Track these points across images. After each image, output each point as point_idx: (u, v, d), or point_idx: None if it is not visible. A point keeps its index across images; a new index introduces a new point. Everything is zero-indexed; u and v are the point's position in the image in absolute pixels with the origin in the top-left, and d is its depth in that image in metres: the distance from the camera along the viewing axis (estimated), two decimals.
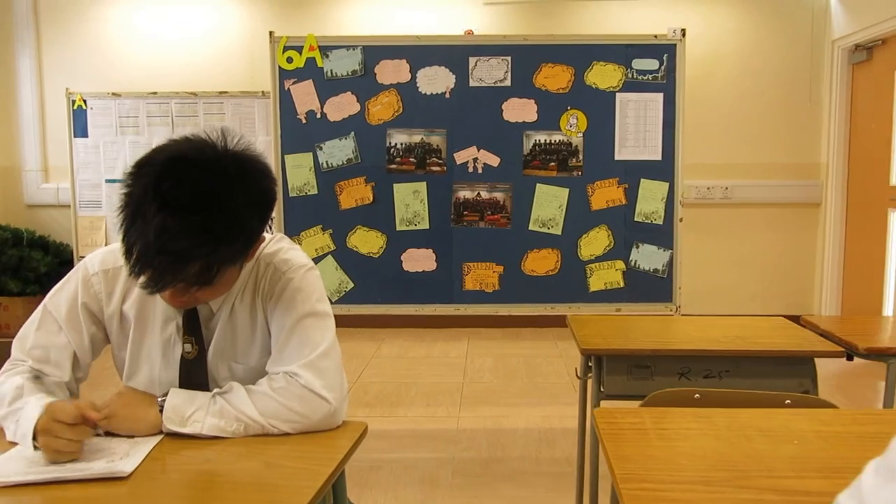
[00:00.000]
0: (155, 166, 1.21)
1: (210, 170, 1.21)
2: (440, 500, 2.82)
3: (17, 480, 1.06)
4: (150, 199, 1.16)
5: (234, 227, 1.23)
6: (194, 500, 1.03)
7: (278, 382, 1.34)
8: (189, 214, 1.17)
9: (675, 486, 1.04)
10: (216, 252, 1.21)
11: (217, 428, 1.27)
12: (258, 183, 1.28)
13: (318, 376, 1.34)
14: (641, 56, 3.49)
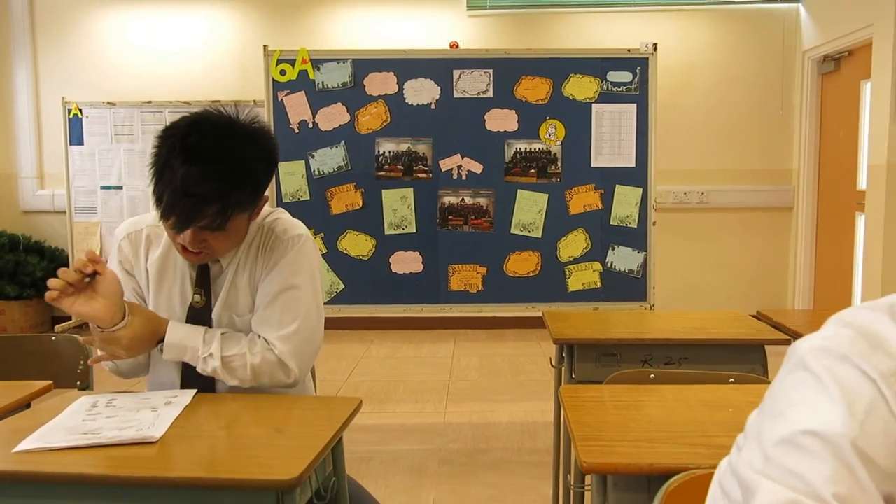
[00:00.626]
0: (181, 128, 1.48)
1: (225, 128, 1.49)
2: (428, 488, 3.00)
3: (62, 444, 1.24)
4: (177, 153, 1.44)
5: (245, 175, 1.48)
6: (216, 458, 1.21)
7: (256, 346, 1.59)
8: (208, 163, 1.43)
9: (624, 442, 1.23)
10: (230, 195, 1.46)
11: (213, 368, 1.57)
12: (265, 141, 1.56)
13: (290, 349, 1.59)
14: (616, 69, 3.69)
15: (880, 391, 0.66)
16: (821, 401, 0.67)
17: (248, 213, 1.57)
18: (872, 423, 0.65)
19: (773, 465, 0.66)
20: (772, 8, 5.94)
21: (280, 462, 1.17)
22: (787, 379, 0.72)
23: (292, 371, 1.59)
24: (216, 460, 1.21)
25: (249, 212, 1.56)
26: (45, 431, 1.31)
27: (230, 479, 1.13)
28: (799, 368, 0.71)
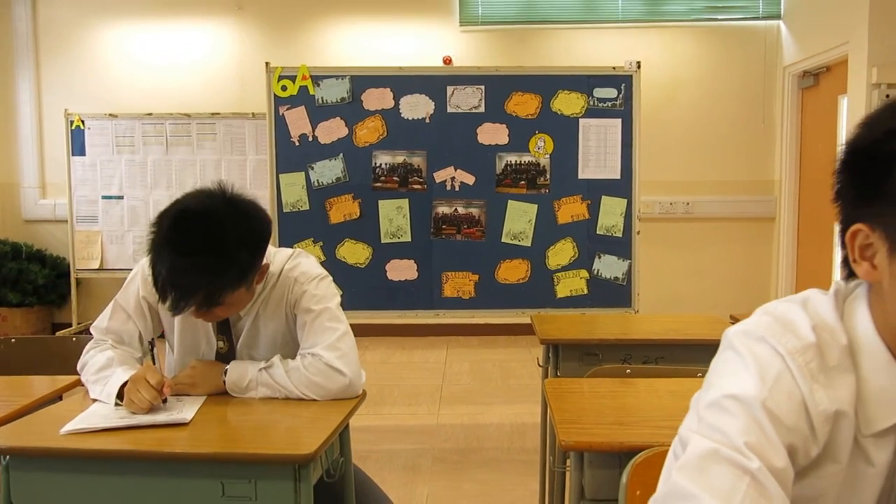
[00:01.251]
0: (167, 218, 1.57)
1: (206, 220, 1.55)
2: (422, 484, 3.15)
3: (103, 426, 1.40)
4: (164, 245, 1.54)
5: (227, 264, 1.56)
6: (240, 437, 1.38)
7: (306, 360, 1.68)
8: (190, 256, 1.52)
9: (597, 425, 1.40)
10: (213, 283, 1.56)
11: (264, 394, 1.64)
12: (247, 225, 1.61)
13: (337, 355, 1.68)
14: (601, 85, 3.87)
15: (787, 364, 0.83)
16: (740, 372, 0.84)
17: (244, 287, 1.66)
18: (779, 389, 0.82)
19: (702, 423, 0.83)
20: (754, 25, 6.15)
21: (297, 441, 1.33)
22: (719, 357, 0.90)
23: (344, 372, 1.66)
24: (241, 439, 1.37)
25: (244, 287, 1.66)
26: (85, 416, 1.47)
27: (255, 454, 1.30)
28: (727, 348, 0.89)
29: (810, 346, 0.85)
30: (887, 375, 0.84)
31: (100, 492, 1.35)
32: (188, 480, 1.33)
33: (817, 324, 0.87)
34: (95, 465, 1.35)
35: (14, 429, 1.45)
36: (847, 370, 0.85)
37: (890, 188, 0.78)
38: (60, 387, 1.77)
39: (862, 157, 0.82)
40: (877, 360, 0.85)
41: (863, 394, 0.85)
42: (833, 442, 0.84)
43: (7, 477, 1.36)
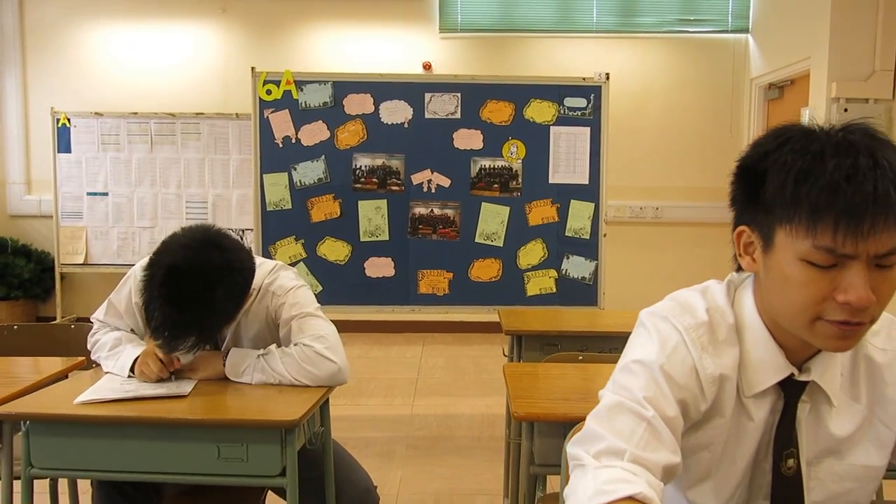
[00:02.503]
0: (160, 269, 1.68)
1: (196, 279, 1.67)
2: (396, 468, 3.35)
3: (112, 397, 1.59)
4: (156, 296, 1.66)
5: (215, 317, 1.73)
6: (233, 407, 1.57)
7: (298, 348, 1.82)
8: (181, 310, 1.66)
9: (546, 400, 1.61)
10: (202, 332, 1.73)
11: (259, 379, 1.78)
12: (233, 280, 1.73)
13: (325, 346, 1.83)
14: (572, 95, 4.09)
15: (682, 337, 1.04)
16: (646, 343, 1.05)
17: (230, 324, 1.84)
18: (675, 356, 1.03)
19: (613, 383, 1.04)
20: (723, 38, 6.40)
21: (283, 410, 1.53)
22: (633, 333, 1.11)
23: (333, 360, 1.81)
24: (234, 408, 1.56)
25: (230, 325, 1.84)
26: (95, 389, 1.65)
27: (247, 420, 1.49)
28: (639, 326, 1.10)
29: (703, 324, 1.06)
30: (764, 348, 1.05)
31: (109, 454, 1.54)
32: (188, 444, 1.52)
33: (711, 307, 1.08)
34: (105, 430, 1.54)
35: (31, 399, 1.63)
36: (732, 344, 1.06)
37: (763, 198, 0.98)
38: (68, 366, 1.95)
39: (746, 172, 1.03)
40: (757, 335, 1.06)
41: (745, 362, 1.06)
42: (719, 400, 1.05)
43: (27, 440, 1.54)
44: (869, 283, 0.92)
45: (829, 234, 0.91)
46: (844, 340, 0.96)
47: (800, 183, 0.92)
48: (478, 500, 3.03)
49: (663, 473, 0.97)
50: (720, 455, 1.08)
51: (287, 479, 1.53)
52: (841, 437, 1.08)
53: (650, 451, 0.96)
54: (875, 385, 1.08)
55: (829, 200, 0.90)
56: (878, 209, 0.89)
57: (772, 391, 1.06)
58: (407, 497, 3.05)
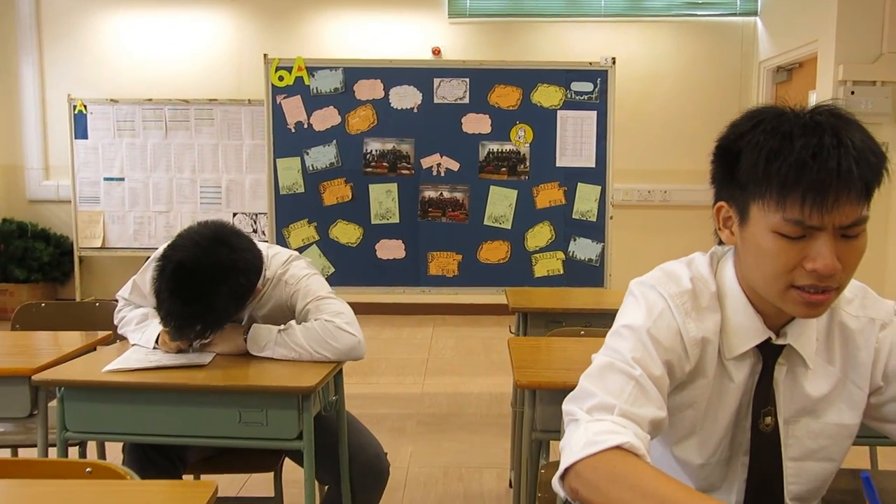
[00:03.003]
0: (170, 264, 1.75)
1: (201, 277, 1.74)
2: (407, 443, 3.46)
3: (137, 366, 1.70)
4: (165, 289, 1.74)
5: (216, 314, 1.79)
6: (252, 375, 1.67)
7: (318, 322, 1.89)
8: (185, 305, 1.74)
9: (548, 370, 1.70)
10: (206, 325, 1.80)
11: (281, 354, 1.85)
12: (237, 281, 1.79)
13: (345, 321, 1.91)
14: (579, 80, 4.15)
15: (668, 304, 1.13)
16: (634, 309, 1.14)
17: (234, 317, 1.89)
18: (660, 321, 1.12)
19: (605, 346, 1.14)
20: (731, 21, 6.43)
21: (300, 377, 1.63)
22: (624, 301, 1.19)
23: (352, 332, 1.89)
24: (253, 376, 1.67)
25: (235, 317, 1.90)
26: (123, 359, 1.76)
27: (266, 387, 1.59)
28: (629, 294, 1.19)
29: (686, 292, 1.15)
30: (744, 314, 1.14)
31: (138, 419, 1.64)
32: (212, 409, 1.63)
33: (695, 276, 1.17)
34: (134, 396, 1.64)
35: (65, 368, 1.74)
36: (714, 310, 1.15)
37: (738, 175, 1.07)
38: (95, 340, 2.06)
39: (723, 151, 1.12)
40: (736, 302, 1.15)
41: (725, 327, 1.15)
42: (702, 361, 1.14)
43: (62, 406, 1.65)
44: (835, 252, 1.00)
45: (797, 208, 0.99)
46: (814, 308, 1.05)
47: (770, 161, 1.00)
48: (485, 473, 3.14)
49: (650, 427, 1.06)
50: (703, 413, 1.17)
51: (304, 442, 1.63)
52: (816, 398, 1.17)
53: (638, 407, 1.06)
54: (848, 349, 1.17)
55: (797, 177, 0.98)
56: (841, 184, 0.97)
57: (751, 354, 1.15)
58: (417, 470, 3.16)
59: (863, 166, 0.98)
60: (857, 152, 0.98)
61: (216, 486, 1.08)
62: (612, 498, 0.95)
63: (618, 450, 0.99)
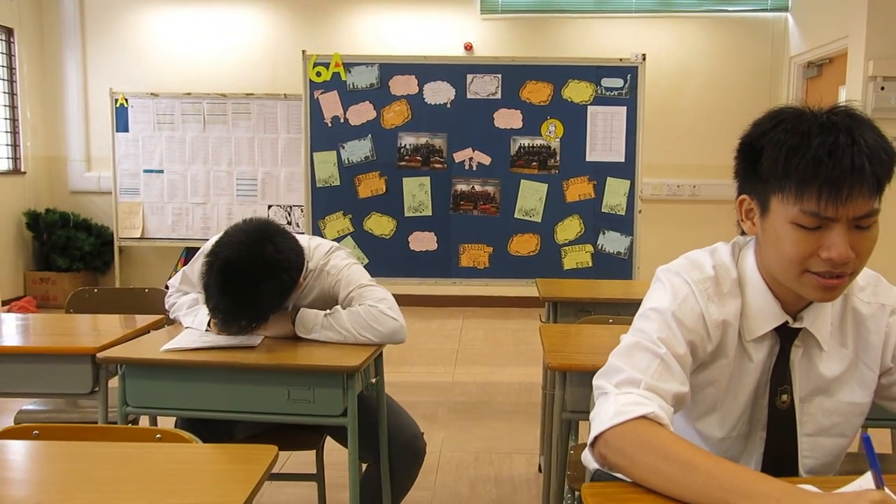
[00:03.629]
0: (218, 261, 1.84)
1: (247, 274, 1.83)
2: (438, 430, 3.56)
3: (191, 346, 1.82)
4: (213, 285, 1.84)
5: (260, 308, 1.89)
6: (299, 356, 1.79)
7: (363, 307, 2.00)
8: (233, 301, 1.84)
9: (577, 354, 1.80)
10: (250, 319, 1.90)
11: (327, 336, 1.96)
12: (281, 279, 1.88)
13: (388, 306, 2.02)
14: (609, 76, 4.22)
15: (692, 289, 1.22)
16: (661, 294, 1.23)
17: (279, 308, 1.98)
18: (685, 305, 1.20)
19: (632, 328, 1.23)
20: (762, 17, 6.44)
21: (344, 358, 1.74)
22: (651, 287, 1.28)
23: (395, 317, 2.00)
24: (301, 356, 1.78)
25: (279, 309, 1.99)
26: (177, 340, 1.89)
27: (314, 366, 1.71)
28: (656, 281, 1.28)
29: (709, 278, 1.24)
30: (763, 299, 1.22)
31: (192, 395, 1.77)
32: (263, 387, 1.75)
33: (717, 264, 1.26)
34: (189, 373, 1.77)
35: (125, 348, 1.87)
36: (735, 295, 1.24)
37: (760, 170, 1.15)
38: (148, 323, 2.19)
39: (746, 148, 1.20)
40: (756, 288, 1.23)
41: (746, 311, 1.23)
42: (723, 343, 1.23)
43: (123, 382, 1.78)
44: (848, 242, 1.08)
45: (813, 201, 1.08)
46: (829, 291, 1.13)
47: (790, 157, 1.09)
48: (515, 458, 3.24)
49: (673, 400, 1.15)
50: (724, 391, 1.26)
51: (348, 418, 1.75)
52: (830, 378, 1.25)
53: (662, 382, 1.15)
54: (860, 333, 1.25)
55: (814, 172, 1.07)
56: (854, 179, 1.05)
57: (769, 336, 1.23)
58: (449, 455, 3.27)
59: (875, 163, 1.06)
60: (869, 150, 1.06)
61: (277, 449, 1.19)
62: (637, 461, 1.05)
63: (643, 419, 1.08)
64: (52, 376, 1.92)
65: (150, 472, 1.14)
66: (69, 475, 1.15)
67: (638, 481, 1.07)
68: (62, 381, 1.92)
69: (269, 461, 1.16)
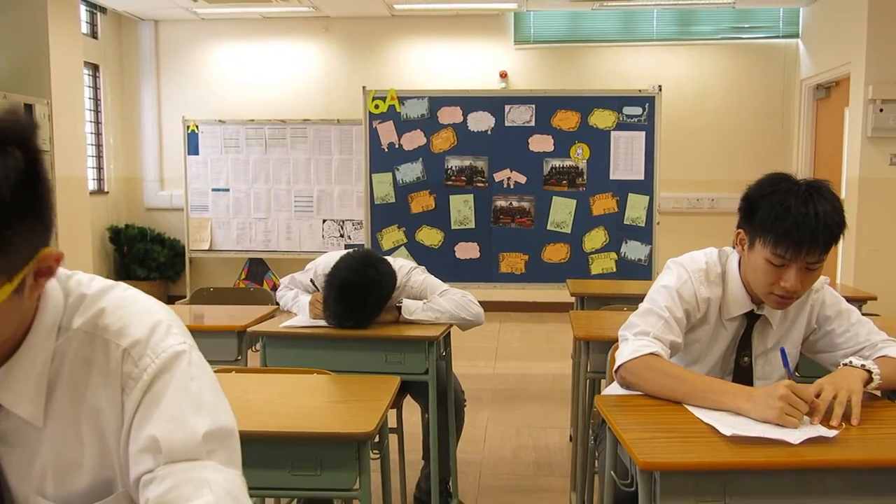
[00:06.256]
0: (336, 280, 2.46)
1: (357, 290, 2.45)
2: (483, 410, 4.18)
3: (300, 325, 2.49)
4: (331, 296, 2.47)
5: (366, 315, 2.52)
6: (393, 329, 2.44)
7: (455, 294, 2.68)
8: (346, 308, 2.47)
9: (599, 329, 2.41)
10: (357, 324, 2.52)
11: (426, 316, 2.59)
12: (381, 294, 2.51)
13: (471, 298, 2.70)
14: (629, 105, 4.83)
15: (689, 276, 1.82)
16: (669, 277, 1.85)
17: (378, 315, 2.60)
18: (684, 285, 1.82)
19: (648, 298, 1.84)
20: (774, 43, 7.00)
21: (427, 330, 2.38)
22: (662, 273, 1.90)
23: (478, 304, 2.69)
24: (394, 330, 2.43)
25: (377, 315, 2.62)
26: (291, 321, 2.55)
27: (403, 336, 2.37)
28: (666, 268, 1.90)
29: (701, 269, 1.84)
30: (740, 293, 1.82)
31: (312, 358, 2.41)
32: (366, 353, 2.39)
33: (708, 261, 1.87)
34: (312, 342, 2.43)
35: (262, 326, 2.53)
36: (718, 284, 1.84)
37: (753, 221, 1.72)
38: (265, 313, 2.85)
39: (748, 203, 1.78)
40: (735, 284, 1.83)
41: (726, 297, 1.84)
42: (707, 314, 1.84)
43: (265, 350, 2.43)
44: (800, 278, 1.68)
45: (783, 250, 1.67)
46: (782, 306, 1.76)
47: (774, 222, 1.67)
48: (550, 432, 3.84)
49: (671, 346, 1.77)
50: (706, 347, 1.87)
51: (429, 375, 2.38)
52: (776, 342, 1.85)
53: (664, 334, 1.77)
54: (798, 310, 1.85)
55: (787, 236, 1.65)
56: (811, 244, 1.64)
57: (740, 317, 1.84)
58: (493, 429, 3.89)
59: (827, 236, 1.64)
60: (825, 225, 1.63)
61: (399, 378, 1.83)
62: (647, 379, 1.68)
63: (651, 355, 1.71)
64: (204, 350, 2.58)
65: (299, 395, 1.78)
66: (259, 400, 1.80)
67: (647, 392, 1.70)
68: (214, 353, 2.58)
69: (395, 386, 1.79)
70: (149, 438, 0.91)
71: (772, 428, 1.46)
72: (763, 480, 1.38)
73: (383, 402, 1.66)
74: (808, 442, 1.41)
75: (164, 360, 0.95)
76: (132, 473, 0.92)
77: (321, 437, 1.50)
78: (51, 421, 0.93)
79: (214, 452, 0.92)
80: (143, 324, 0.97)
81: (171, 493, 0.88)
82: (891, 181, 5.54)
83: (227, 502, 0.89)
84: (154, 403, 0.93)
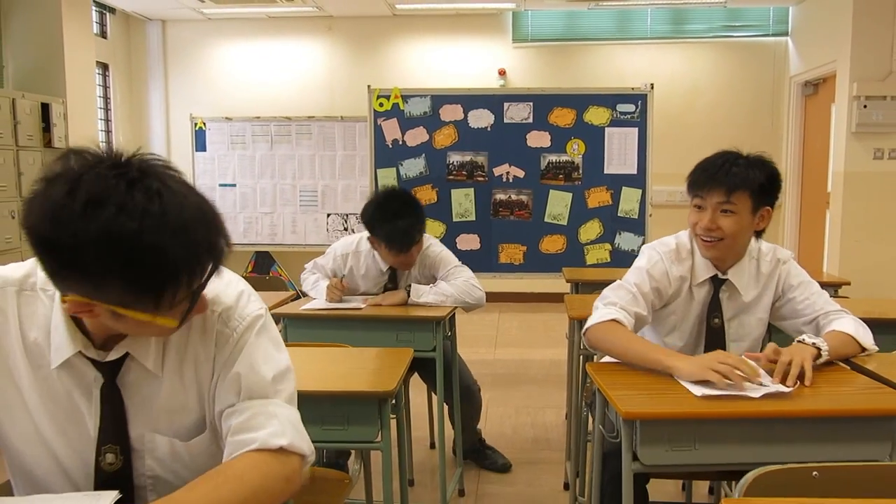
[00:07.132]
0: (382, 194, 2.93)
1: (401, 196, 2.89)
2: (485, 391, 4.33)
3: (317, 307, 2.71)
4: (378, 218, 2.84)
5: (417, 227, 2.85)
6: (402, 311, 2.67)
7: (459, 280, 2.94)
8: (397, 219, 2.80)
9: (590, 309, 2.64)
10: (410, 230, 2.84)
11: (433, 299, 2.86)
12: (419, 213, 2.93)
13: (475, 282, 2.97)
14: (623, 102, 5.06)
15: (661, 257, 2.08)
16: (642, 259, 2.11)
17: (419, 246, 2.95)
18: (656, 266, 2.07)
19: (625, 277, 2.08)
20: (764, 41, 7.22)
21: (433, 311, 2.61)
22: (638, 255, 2.14)
23: (481, 289, 2.96)
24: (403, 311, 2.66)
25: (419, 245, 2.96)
26: (310, 304, 2.78)
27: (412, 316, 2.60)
28: (641, 252, 2.14)
29: (672, 250, 2.08)
30: (704, 262, 2.06)
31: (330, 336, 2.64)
32: (379, 332, 2.62)
33: (678, 242, 2.11)
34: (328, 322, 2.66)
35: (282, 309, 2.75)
36: (688, 259, 2.08)
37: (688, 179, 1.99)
38: (286, 297, 3.08)
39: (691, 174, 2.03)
40: (700, 256, 2.07)
41: (693, 268, 2.07)
42: (679, 289, 2.08)
43: (285, 329, 2.66)
44: (713, 219, 1.95)
45: (693, 190, 1.97)
46: (708, 250, 2.02)
47: (692, 171, 1.97)
48: (547, 411, 4.08)
49: (635, 318, 2.01)
50: (681, 317, 2.11)
51: (437, 353, 2.61)
52: (744, 305, 2.08)
53: (630, 306, 2.01)
54: (765, 278, 2.09)
55: (694, 176, 1.97)
56: (714, 182, 1.94)
57: (707, 282, 2.08)
58: (494, 409, 4.12)
59: (731, 180, 1.93)
60: (728, 172, 1.92)
61: (412, 350, 2.06)
62: (606, 340, 1.94)
63: (613, 321, 1.95)
64: None
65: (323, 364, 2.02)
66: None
67: (605, 352, 1.97)
68: None
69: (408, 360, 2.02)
70: (233, 381, 1.19)
71: (736, 389, 1.70)
72: (727, 429, 1.61)
73: (400, 368, 1.89)
74: (767, 396, 1.64)
75: (248, 322, 1.23)
76: (217, 407, 1.20)
77: (348, 395, 1.73)
78: (166, 371, 1.20)
79: (280, 392, 1.21)
80: (230, 293, 1.25)
81: (250, 421, 1.16)
82: (874, 175, 5.76)
83: (288, 428, 1.18)
84: (238, 355, 1.20)
